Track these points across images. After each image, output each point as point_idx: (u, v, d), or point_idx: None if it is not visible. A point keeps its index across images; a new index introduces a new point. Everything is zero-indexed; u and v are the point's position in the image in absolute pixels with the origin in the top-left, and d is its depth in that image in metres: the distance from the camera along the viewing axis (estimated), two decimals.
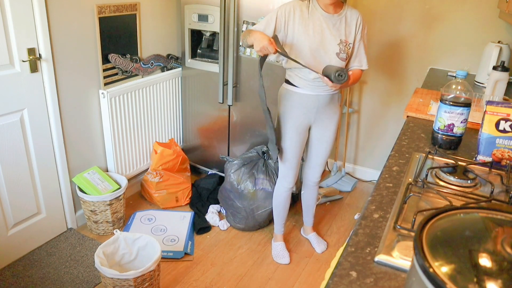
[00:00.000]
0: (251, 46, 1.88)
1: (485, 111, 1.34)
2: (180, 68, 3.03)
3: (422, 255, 0.57)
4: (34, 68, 2.13)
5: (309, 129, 2.19)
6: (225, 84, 2.74)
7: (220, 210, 2.80)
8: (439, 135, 1.50)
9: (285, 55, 1.82)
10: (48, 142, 2.31)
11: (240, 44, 1.91)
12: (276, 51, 1.76)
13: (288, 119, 2.09)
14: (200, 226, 2.61)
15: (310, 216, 2.53)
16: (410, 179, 1.24)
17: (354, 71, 1.98)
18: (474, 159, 1.40)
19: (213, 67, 2.83)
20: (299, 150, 2.18)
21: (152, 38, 2.83)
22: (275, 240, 2.48)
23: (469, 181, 1.21)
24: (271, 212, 2.55)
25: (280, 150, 2.04)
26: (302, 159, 2.39)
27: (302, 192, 2.49)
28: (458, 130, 1.47)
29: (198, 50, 2.94)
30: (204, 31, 2.83)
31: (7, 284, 2.09)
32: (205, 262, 2.36)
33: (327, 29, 1.90)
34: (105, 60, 2.52)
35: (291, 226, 2.71)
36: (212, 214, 2.72)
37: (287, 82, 2.07)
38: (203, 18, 2.74)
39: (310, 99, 2.03)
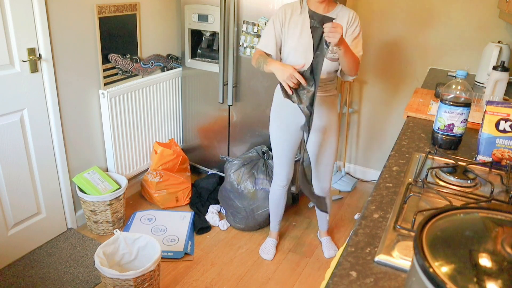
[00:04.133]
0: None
1: (485, 111, 1.34)
2: (180, 68, 3.03)
3: (422, 255, 0.57)
4: (34, 68, 2.13)
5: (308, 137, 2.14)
6: (225, 84, 2.74)
7: (220, 210, 2.80)
8: (439, 135, 1.50)
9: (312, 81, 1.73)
10: (48, 142, 2.31)
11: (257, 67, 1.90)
12: (304, 79, 1.71)
13: (275, 117, 2.12)
14: (200, 226, 2.61)
15: (324, 222, 2.52)
16: (410, 179, 1.24)
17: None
18: (474, 159, 1.40)
19: (213, 67, 2.83)
20: (289, 149, 2.16)
21: (152, 38, 2.83)
22: (269, 236, 2.52)
23: (469, 181, 1.21)
24: None
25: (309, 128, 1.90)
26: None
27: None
28: (458, 130, 1.47)
29: (198, 50, 2.94)
30: (204, 31, 2.83)
31: (7, 284, 2.09)
32: (205, 262, 2.36)
33: None
34: (105, 60, 2.52)
35: (291, 226, 2.71)
36: (212, 214, 2.72)
37: None
38: (203, 18, 2.74)
39: None
